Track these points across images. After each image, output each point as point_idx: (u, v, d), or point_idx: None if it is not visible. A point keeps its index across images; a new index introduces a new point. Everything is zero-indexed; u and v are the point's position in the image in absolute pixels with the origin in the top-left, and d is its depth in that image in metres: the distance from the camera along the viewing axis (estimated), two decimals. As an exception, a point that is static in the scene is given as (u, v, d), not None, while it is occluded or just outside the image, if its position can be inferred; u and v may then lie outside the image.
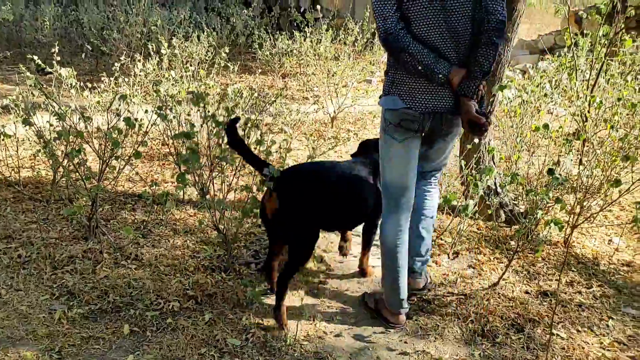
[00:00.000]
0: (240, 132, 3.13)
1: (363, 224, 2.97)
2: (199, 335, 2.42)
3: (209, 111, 3.02)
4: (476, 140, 3.48)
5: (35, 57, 3.99)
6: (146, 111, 3.84)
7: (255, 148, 3.16)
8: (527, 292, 2.96)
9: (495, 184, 3.61)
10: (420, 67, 2.23)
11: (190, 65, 5.69)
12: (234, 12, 9.31)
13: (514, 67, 8.63)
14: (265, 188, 2.58)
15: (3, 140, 3.46)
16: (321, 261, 3.16)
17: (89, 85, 4.55)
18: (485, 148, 3.60)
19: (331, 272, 3.10)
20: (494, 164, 3.74)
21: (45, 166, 3.96)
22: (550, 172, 2.79)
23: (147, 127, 3.48)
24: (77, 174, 3.15)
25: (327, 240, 3.39)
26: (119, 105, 3.23)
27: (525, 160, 3.95)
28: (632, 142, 3.70)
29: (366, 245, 3.03)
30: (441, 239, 3.49)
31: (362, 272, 3.09)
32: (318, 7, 8.72)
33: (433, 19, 2.23)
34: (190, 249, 3.16)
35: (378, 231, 2.69)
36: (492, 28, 2.25)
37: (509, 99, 3.76)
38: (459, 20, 2.25)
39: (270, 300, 2.69)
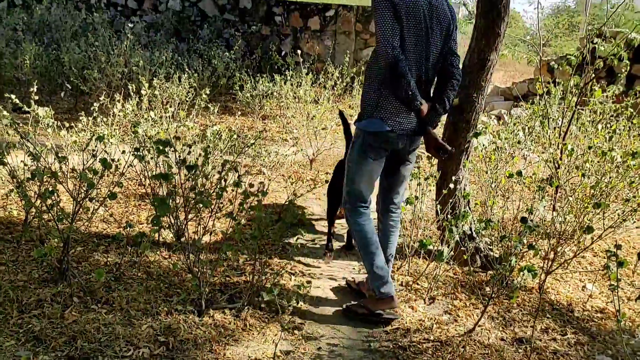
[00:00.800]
0: (217, 175, 3.13)
1: None
2: (169, 384, 2.35)
3: (179, 155, 3.02)
4: (451, 186, 3.53)
5: (13, 96, 3.98)
6: (123, 152, 3.83)
7: (232, 190, 3.15)
8: (502, 339, 2.95)
9: (470, 229, 3.64)
10: (410, 93, 2.65)
11: (170, 106, 5.71)
12: (215, 54, 9.44)
13: (489, 112, 8.84)
14: None
15: (-25, 179, 3.40)
16: (297, 304, 3.12)
17: (67, 124, 4.53)
18: (461, 193, 3.65)
19: (307, 315, 3.06)
20: (470, 209, 3.78)
21: (18, 206, 3.89)
22: (524, 220, 2.83)
23: (123, 168, 3.46)
24: (50, 214, 3.10)
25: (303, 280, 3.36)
26: (96, 145, 3.21)
27: (500, 205, 4.01)
28: (604, 189, 3.79)
29: None
30: (417, 284, 3.48)
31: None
32: (299, 51, 8.89)
33: (418, 54, 2.73)
34: (163, 292, 3.10)
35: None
36: (456, 79, 2.85)
37: (483, 145, 3.84)
38: (435, 55, 2.80)
39: (247, 347, 2.63)
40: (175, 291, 3.13)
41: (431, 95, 2.91)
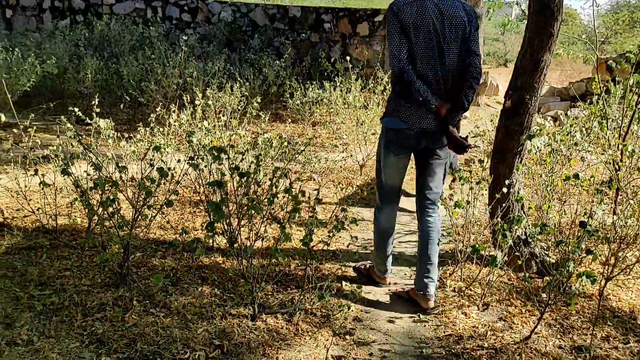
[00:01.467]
0: (268, 182, 3.19)
1: None
2: (224, 386, 2.41)
3: (232, 163, 3.10)
4: (504, 190, 3.46)
5: (76, 109, 4.19)
6: (179, 160, 3.96)
7: (283, 196, 3.21)
8: (560, 347, 2.86)
9: (525, 233, 3.56)
10: (420, 98, 2.95)
11: (223, 115, 5.86)
12: (266, 63, 9.60)
13: (544, 114, 8.59)
14: None
15: (42, 189, 3.60)
16: (349, 309, 3.13)
17: (126, 134, 4.74)
18: (515, 197, 3.57)
19: (358, 320, 3.07)
20: (524, 213, 3.69)
21: (81, 214, 4.08)
22: (582, 224, 2.74)
23: (179, 176, 3.58)
24: (111, 222, 3.25)
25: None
26: (153, 155, 3.34)
27: (557, 209, 3.89)
28: (667, 191, 3.62)
29: None
30: (470, 290, 3.43)
31: None
32: (348, 57, 8.92)
33: (432, 60, 2.97)
34: (217, 297, 3.18)
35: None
36: (474, 77, 3.03)
37: (538, 148, 3.75)
38: (451, 59, 3.00)
39: (300, 352, 2.67)
40: (229, 296, 3.20)
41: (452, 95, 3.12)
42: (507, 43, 20.18)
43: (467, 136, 3.11)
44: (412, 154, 3.25)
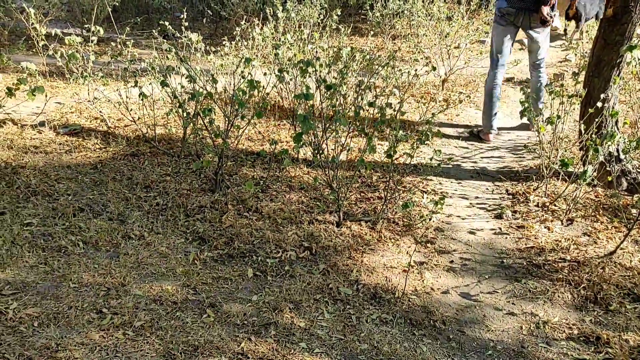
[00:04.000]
0: (353, 95, 3.24)
1: None
2: (314, 283, 2.63)
3: (320, 76, 3.15)
4: (599, 104, 3.33)
5: (167, 23, 4.34)
6: (265, 73, 4.06)
7: (367, 110, 3.25)
8: (646, 263, 2.85)
9: (617, 150, 3.44)
10: None
11: (305, 29, 5.84)
12: (345, -27, 9.29)
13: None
14: None
15: (142, 100, 3.84)
16: (430, 220, 3.24)
17: (213, 48, 4.87)
18: (609, 112, 3.43)
19: (439, 231, 3.18)
20: (617, 129, 3.55)
21: (176, 124, 4.34)
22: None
23: (265, 89, 3.70)
24: (205, 131, 3.45)
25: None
26: (243, 68, 3.45)
27: (654, 126, 3.71)
28: None
29: None
30: (555, 205, 3.42)
31: None
32: (432, -35, 8.45)
33: None
34: (304, 204, 3.37)
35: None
36: None
37: (639, 59, 3.52)
38: None
39: (383, 256, 2.83)
40: (316, 203, 3.38)
41: None
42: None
43: (554, 14, 4.22)
44: (517, 29, 4.37)
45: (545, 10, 4.10)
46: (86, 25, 4.57)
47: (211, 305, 2.43)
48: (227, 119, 3.38)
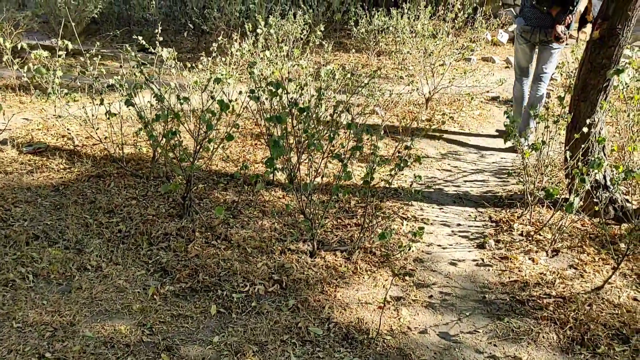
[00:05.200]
0: (328, 116, 3.08)
1: None
2: (282, 322, 2.44)
3: (292, 97, 2.98)
4: (585, 130, 3.20)
5: (140, 38, 4.16)
6: (240, 92, 3.89)
7: (345, 132, 3.09)
8: (635, 299, 2.70)
9: (605, 177, 3.31)
10: (534, 3, 4.37)
11: (285, 45, 5.70)
12: (331, -12, 9.19)
13: (632, 44, 7.85)
14: None
15: (109, 118, 3.65)
16: (409, 250, 3.06)
17: (189, 64, 4.69)
18: (596, 137, 3.30)
19: (419, 261, 3.00)
20: (605, 155, 3.42)
21: (147, 143, 4.14)
22: (672, 170, 2.49)
23: (240, 109, 3.52)
24: (174, 153, 3.27)
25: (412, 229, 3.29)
26: (214, 87, 3.28)
27: (642, 151, 3.58)
28: None
29: None
30: (539, 235, 3.26)
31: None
32: (417, -19, 8.37)
33: None
34: (277, 231, 3.18)
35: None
36: None
37: (625, 83, 3.41)
38: None
39: (358, 291, 2.65)
40: (289, 231, 3.20)
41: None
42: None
43: (569, 33, 4.38)
44: (534, 45, 4.61)
45: (560, 28, 4.25)
46: (53, 40, 4.38)
47: (167, 349, 2.23)
48: (195, 141, 3.19)
